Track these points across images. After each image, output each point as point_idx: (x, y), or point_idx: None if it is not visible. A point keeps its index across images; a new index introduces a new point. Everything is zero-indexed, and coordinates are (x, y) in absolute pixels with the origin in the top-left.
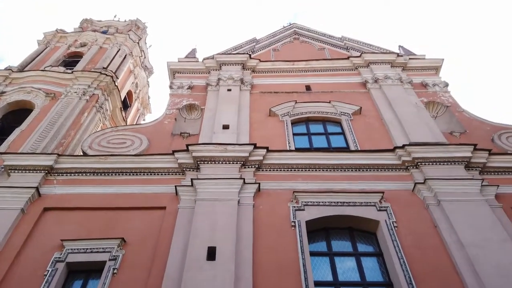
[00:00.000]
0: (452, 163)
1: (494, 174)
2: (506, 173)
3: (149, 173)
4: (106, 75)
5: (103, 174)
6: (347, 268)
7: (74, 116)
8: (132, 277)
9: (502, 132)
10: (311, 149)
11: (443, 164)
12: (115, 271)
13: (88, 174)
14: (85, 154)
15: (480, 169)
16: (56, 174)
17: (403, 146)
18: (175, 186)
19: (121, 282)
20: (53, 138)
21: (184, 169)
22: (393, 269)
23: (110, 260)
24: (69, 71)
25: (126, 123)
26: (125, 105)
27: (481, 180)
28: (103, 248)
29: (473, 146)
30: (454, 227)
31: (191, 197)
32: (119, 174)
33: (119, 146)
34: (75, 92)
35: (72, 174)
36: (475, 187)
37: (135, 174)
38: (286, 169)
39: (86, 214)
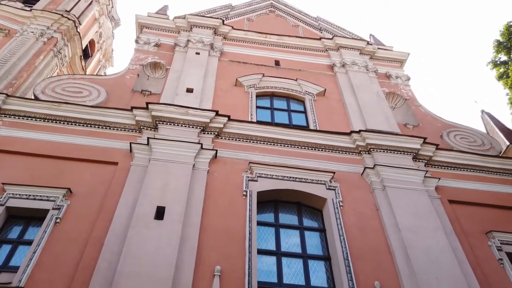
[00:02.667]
0: (402, 152)
1: (438, 167)
2: (449, 168)
3: (104, 127)
4: (68, 18)
5: (54, 121)
6: (290, 240)
7: (28, 57)
8: (75, 228)
9: (451, 130)
10: (272, 124)
11: (393, 152)
12: (58, 220)
13: (38, 119)
14: (36, 99)
15: (426, 161)
16: (3, 115)
17: (359, 131)
18: (130, 143)
19: (63, 232)
20: (3, 77)
21: (141, 127)
22: (333, 245)
23: (53, 209)
24: (28, 8)
25: (85, 73)
26: (86, 54)
27: (425, 171)
28: (47, 197)
29: (423, 139)
30: (394, 211)
31: (146, 156)
32: (72, 124)
33: (74, 95)
34: (32, 32)
35: (21, 118)
36: (418, 177)
37: (89, 125)
38: (244, 140)
39: (32, 160)
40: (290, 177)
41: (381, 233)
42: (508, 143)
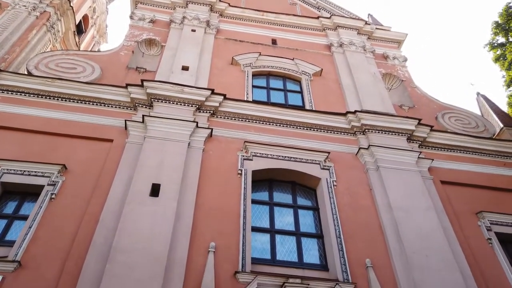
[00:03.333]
0: (396, 133)
1: (432, 149)
2: (442, 149)
3: (99, 104)
4: None
5: (48, 97)
6: (284, 218)
7: (21, 31)
8: (71, 204)
9: (446, 112)
10: (267, 103)
11: (388, 133)
12: (53, 196)
13: (32, 95)
14: (30, 74)
15: (420, 142)
16: None
17: (354, 112)
18: (125, 120)
19: (58, 207)
20: None
21: (136, 104)
22: (326, 223)
23: (48, 185)
24: None
25: (79, 49)
26: (80, 30)
27: (419, 152)
28: (42, 173)
29: (417, 121)
30: (387, 191)
31: (141, 134)
32: (66, 100)
33: (68, 71)
34: (24, 6)
35: (14, 93)
36: (412, 158)
37: (83, 102)
38: (240, 119)
39: (27, 136)
40: (285, 157)
41: (373, 212)
42: (502, 125)
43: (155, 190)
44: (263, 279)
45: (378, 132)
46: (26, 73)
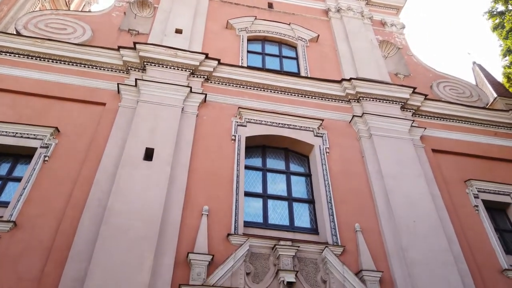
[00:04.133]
0: (391, 102)
1: (425, 117)
2: (435, 118)
3: (91, 66)
4: None
5: (38, 59)
6: (277, 184)
7: None
8: (64, 167)
9: (441, 81)
10: (262, 69)
11: (382, 101)
12: (46, 158)
13: (22, 56)
14: (19, 34)
15: (413, 111)
16: None
17: (350, 79)
18: (118, 84)
19: (52, 170)
20: None
21: (129, 68)
22: (317, 189)
23: (41, 147)
24: None
25: (69, 9)
26: None
27: (412, 121)
28: (34, 135)
29: (412, 89)
30: (379, 159)
31: (134, 98)
32: (57, 62)
33: (58, 32)
34: None
35: (3, 54)
36: (405, 127)
37: (75, 64)
38: (234, 85)
39: (18, 98)
40: (279, 123)
41: (364, 179)
42: (495, 95)
43: (148, 154)
44: (255, 241)
45: (373, 100)
46: (14, 33)
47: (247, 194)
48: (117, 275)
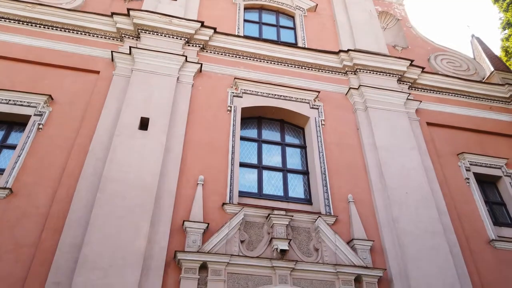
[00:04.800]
0: (388, 74)
1: (421, 90)
2: (431, 91)
3: (84, 33)
4: None
5: (30, 24)
6: (272, 155)
7: None
8: (59, 135)
9: (438, 54)
10: (259, 39)
11: (379, 74)
12: (40, 126)
13: (12, 21)
14: None
15: (410, 84)
16: None
17: (347, 51)
18: (112, 51)
19: (46, 138)
20: None
21: (122, 35)
22: (312, 161)
23: (35, 115)
24: None
25: None
26: None
27: (408, 94)
28: (28, 103)
29: (409, 62)
30: (373, 131)
31: (128, 66)
32: (49, 28)
33: None
34: None
35: None
36: (401, 99)
37: (67, 31)
38: (230, 55)
39: (10, 64)
40: (275, 95)
41: (358, 151)
42: (492, 69)
43: (144, 124)
44: (249, 211)
45: (369, 72)
46: None
47: (242, 164)
48: (114, 242)
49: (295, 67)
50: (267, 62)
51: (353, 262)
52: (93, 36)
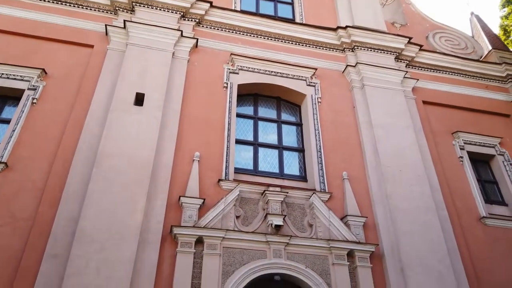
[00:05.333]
0: (385, 52)
1: (418, 68)
2: (428, 69)
3: (76, 5)
4: None
5: None
6: (268, 133)
7: None
8: (54, 109)
9: (437, 32)
10: (256, 14)
11: (377, 51)
12: (34, 100)
13: None
14: None
15: (407, 62)
16: None
17: (345, 27)
18: (106, 25)
19: (41, 112)
20: None
21: (117, 8)
22: (308, 138)
23: (29, 89)
24: None
25: None
26: None
27: (405, 72)
28: (21, 76)
29: (408, 39)
30: (370, 109)
31: (123, 40)
32: (41, 0)
33: None
34: None
35: None
36: (398, 78)
37: (60, 3)
38: (227, 30)
39: (1, 37)
40: (272, 72)
41: (354, 129)
42: (490, 47)
43: (139, 99)
44: (245, 187)
45: (367, 50)
46: None
47: (238, 141)
48: (111, 216)
49: (292, 43)
50: (264, 38)
51: (346, 237)
52: (87, 9)
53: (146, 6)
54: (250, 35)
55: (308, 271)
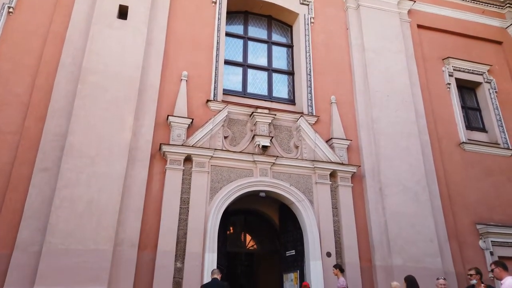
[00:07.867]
0: None
1: None
2: None
3: None
4: None
5: None
6: (258, 54)
7: None
8: (32, 20)
9: None
10: None
11: None
12: (10, 9)
13: None
14: None
15: None
16: None
17: None
18: None
19: (19, 23)
20: None
21: None
22: (298, 61)
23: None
24: None
25: None
26: None
27: None
28: None
29: None
30: (363, 32)
31: None
32: None
33: None
34: None
35: None
36: None
37: None
38: None
39: None
40: None
41: (345, 52)
42: None
43: (122, 13)
44: (233, 108)
45: None
46: None
47: (227, 62)
48: (99, 132)
49: None
50: None
51: (330, 158)
52: None
53: None
54: None
55: (292, 188)
